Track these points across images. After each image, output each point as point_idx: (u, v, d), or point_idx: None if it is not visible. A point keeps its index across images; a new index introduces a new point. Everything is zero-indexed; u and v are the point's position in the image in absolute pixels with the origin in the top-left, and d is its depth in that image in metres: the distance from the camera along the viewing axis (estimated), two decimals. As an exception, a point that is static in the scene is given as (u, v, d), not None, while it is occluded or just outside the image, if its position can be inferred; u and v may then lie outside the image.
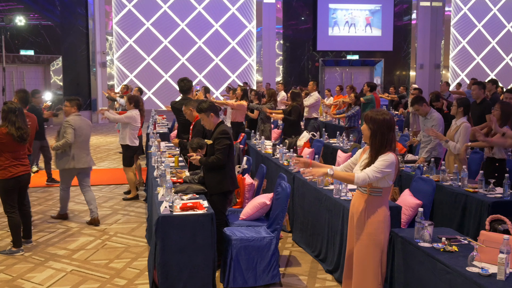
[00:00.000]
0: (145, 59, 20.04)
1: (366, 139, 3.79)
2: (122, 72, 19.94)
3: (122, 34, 19.83)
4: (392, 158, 3.64)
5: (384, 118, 3.70)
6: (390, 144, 3.69)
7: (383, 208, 3.73)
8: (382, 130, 3.68)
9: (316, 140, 8.74)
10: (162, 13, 20.02)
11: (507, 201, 4.96)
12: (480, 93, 7.93)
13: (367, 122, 3.75)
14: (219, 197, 5.22)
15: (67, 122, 6.67)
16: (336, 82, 21.03)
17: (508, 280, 3.09)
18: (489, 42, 22.28)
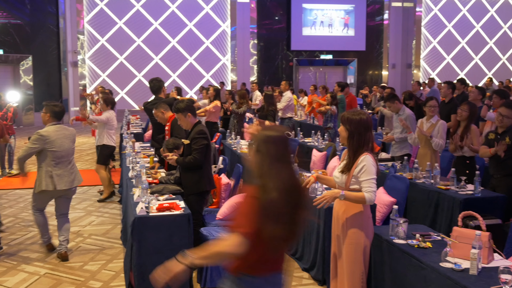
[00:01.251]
0: (117, 59, 19.84)
1: (344, 141, 3.75)
2: (94, 71, 19.70)
3: (94, 33, 19.59)
4: (370, 160, 3.60)
5: (361, 118, 3.66)
6: (368, 144, 3.66)
7: (363, 210, 3.68)
8: (359, 130, 3.64)
9: (291, 139, 8.77)
10: (135, 12, 19.85)
11: (478, 198, 5.07)
12: (448, 92, 8.10)
13: (344, 123, 3.71)
14: (196, 197, 5.21)
15: (38, 133, 5.37)
16: (310, 82, 21.16)
17: (481, 275, 3.17)
18: (459, 42, 22.70)
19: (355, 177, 3.61)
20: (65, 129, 5.54)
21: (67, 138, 5.52)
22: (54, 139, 5.38)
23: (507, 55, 23.03)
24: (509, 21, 22.92)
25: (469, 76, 22.08)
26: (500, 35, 22.91)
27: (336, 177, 3.76)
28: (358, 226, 3.66)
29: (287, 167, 2.46)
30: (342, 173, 3.70)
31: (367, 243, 3.70)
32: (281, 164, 2.45)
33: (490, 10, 22.77)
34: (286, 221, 2.41)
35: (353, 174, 3.62)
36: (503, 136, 5.33)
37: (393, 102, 7.15)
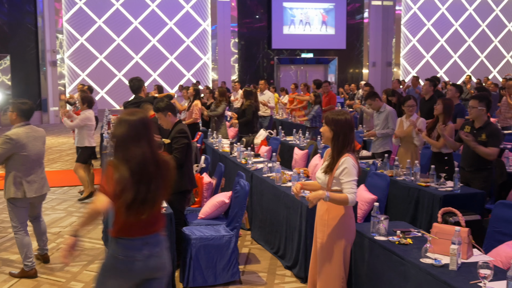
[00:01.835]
0: (97, 58, 19.66)
1: (327, 141, 3.73)
2: (74, 71, 19.49)
3: (73, 32, 19.38)
4: (351, 162, 3.60)
5: (346, 118, 3.66)
6: (351, 144, 3.67)
7: (345, 211, 3.68)
8: (344, 131, 3.64)
9: (273, 138, 8.80)
10: (115, 10, 19.68)
11: (457, 194, 5.14)
12: (430, 89, 8.19)
13: (329, 124, 3.68)
14: (177, 196, 5.18)
15: (6, 135, 4.83)
16: (291, 80, 21.21)
17: (460, 270, 3.21)
18: (438, 41, 22.95)
19: (336, 179, 3.62)
20: (35, 131, 5.06)
21: (38, 140, 5.05)
22: (25, 142, 4.87)
23: (485, 53, 23.36)
24: (487, 19, 23.25)
25: (448, 74, 22.36)
26: (478, 33, 23.23)
27: (319, 177, 3.77)
28: (339, 226, 3.67)
29: (141, 146, 2.87)
30: (325, 174, 3.70)
31: (348, 244, 3.72)
32: (135, 142, 2.86)
33: (469, 9, 23.08)
34: (138, 190, 2.84)
35: (334, 175, 3.63)
36: (479, 132, 5.40)
37: (374, 100, 7.22)
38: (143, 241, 2.92)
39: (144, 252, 2.92)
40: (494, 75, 22.94)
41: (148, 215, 2.92)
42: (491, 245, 4.00)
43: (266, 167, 6.27)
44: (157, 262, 2.98)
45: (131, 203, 2.84)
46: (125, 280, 2.94)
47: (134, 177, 2.83)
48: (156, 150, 2.97)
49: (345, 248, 3.69)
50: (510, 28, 23.42)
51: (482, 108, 5.39)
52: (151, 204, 2.93)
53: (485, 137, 5.33)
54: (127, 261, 2.89)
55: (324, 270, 3.72)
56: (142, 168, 2.86)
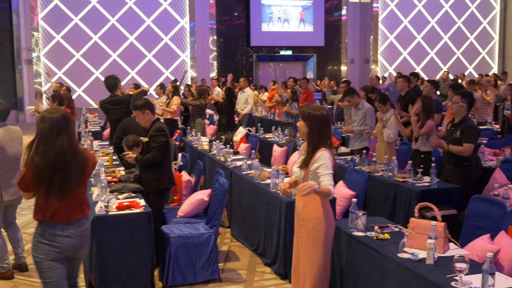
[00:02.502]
0: (74, 56, 19.41)
1: (303, 136, 3.76)
2: (50, 69, 19.21)
3: (48, 29, 19.09)
4: (327, 156, 3.64)
5: (322, 114, 3.69)
6: (327, 140, 3.69)
7: (322, 205, 3.70)
8: (320, 126, 3.67)
9: (252, 135, 8.80)
10: (91, 8, 19.45)
11: (434, 189, 5.20)
12: (405, 86, 8.29)
13: (305, 119, 3.71)
14: (156, 195, 5.16)
15: None
16: (270, 78, 21.22)
17: (437, 264, 3.26)
18: (415, 38, 23.18)
19: (312, 173, 3.65)
20: (12, 131, 4.88)
21: (15, 141, 4.89)
22: (3, 145, 4.72)
23: (461, 49, 23.66)
24: (462, 16, 23.55)
25: (425, 70, 22.60)
26: (454, 30, 23.51)
27: (295, 172, 3.80)
28: (318, 221, 3.69)
29: (61, 139, 3.21)
30: (301, 168, 3.72)
31: (328, 237, 3.74)
32: (55, 136, 3.20)
33: (445, 6, 23.34)
34: (55, 178, 3.19)
35: (310, 170, 3.65)
36: (455, 129, 5.45)
37: (353, 97, 7.29)
38: (63, 226, 3.27)
39: (68, 232, 3.28)
40: (470, 72, 23.26)
41: (67, 201, 3.25)
42: (467, 239, 4.06)
43: (245, 165, 6.27)
44: (80, 240, 3.36)
45: (48, 190, 3.19)
46: (57, 256, 3.29)
47: (51, 167, 3.17)
48: (74, 142, 3.31)
49: (326, 241, 3.72)
50: (485, 25, 23.76)
51: (463, 105, 5.42)
52: (68, 191, 3.24)
53: (459, 133, 5.37)
54: (53, 237, 3.25)
55: (308, 265, 3.75)
56: (58, 159, 3.19)
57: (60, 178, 3.20)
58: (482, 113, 10.09)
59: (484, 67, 23.53)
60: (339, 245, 4.06)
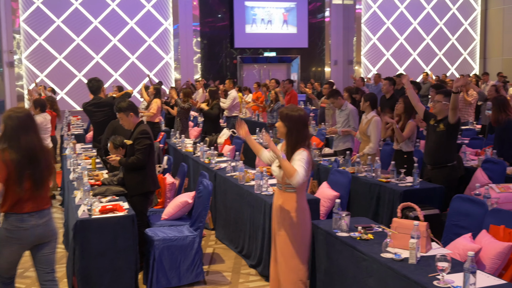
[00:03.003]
0: (56, 58, 19.22)
1: (282, 136, 3.83)
2: (32, 72, 19.01)
3: (30, 32, 18.89)
4: (306, 155, 3.70)
5: (300, 114, 3.75)
6: (305, 140, 3.76)
7: (299, 204, 3.78)
8: (298, 127, 3.73)
9: (236, 137, 8.79)
10: (74, 10, 19.28)
11: (416, 189, 5.25)
12: (390, 88, 8.35)
13: (283, 120, 3.78)
14: (140, 198, 5.14)
15: None
16: (254, 79, 21.22)
17: (419, 263, 3.28)
18: (397, 39, 23.36)
19: None
20: None
21: None
22: None
23: (443, 50, 23.89)
24: (444, 18, 23.79)
25: (408, 71, 22.75)
26: (436, 32, 23.74)
27: (274, 171, 3.86)
28: (294, 219, 3.78)
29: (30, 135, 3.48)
30: (280, 168, 3.77)
31: (305, 235, 3.82)
32: (24, 133, 3.47)
33: (426, 7, 23.55)
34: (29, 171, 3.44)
35: None
36: (439, 123, 5.47)
37: (337, 98, 7.32)
38: (30, 215, 3.53)
39: (32, 223, 3.54)
40: (452, 72, 23.50)
41: (37, 192, 3.53)
42: (449, 238, 4.10)
43: (230, 166, 6.27)
44: (44, 230, 3.62)
45: (22, 182, 3.44)
46: (18, 247, 3.60)
47: (25, 161, 3.43)
48: (40, 138, 3.59)
49: (302, 239, 3.79)
50: (466, 26, 24.03)
51: (446, 103, 5.47)
52: (40, 183, 3.54)
53: (443, 126, 5.40)
54: (17, 231, 3.52)
55: (285, 263, 3.82)
56: (31, 153, 3.47)
57: (33, 171, 3.47)
58: (464, 113, 10.19)
59: (466, 68, 23.79)
60: (324, 246, 4.08)
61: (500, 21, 22.89)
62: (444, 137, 5.40)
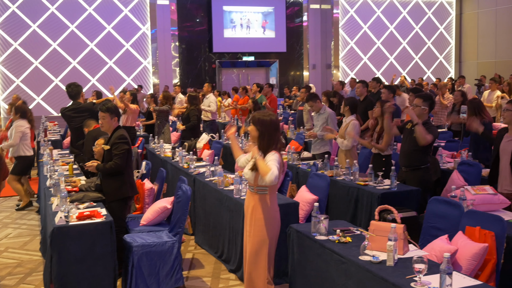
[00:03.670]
0: (32, 63, 18.96)
1: (254, 140, 3.94)
2: (7, 77, 18.73)
3: (5, 37, 18.61)
4: (277, 157, 3.82)
5: (271, 119, 3.89)
6: (276, 144, 3.89)
7: (270, 206, 3.90)
8: (269, 131, 3.86)
9: (215, 142, 8.78)
10: (50, 14, 19.06)
11: (394, 192, 5.30)
12: (364, 91, 8.46)
13: (255, 124, 3.89)
14: (118, 203, 5.10)
15: None
16: (233, 83, 21.23)
17: (397, 265, 3.32)
18: (375, 43, 23.59)
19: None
20: None
21: None
22: None
23: (419, 54, 24.19)
24: (420, 22, 24.10)
25: (385, 75, 22.99)
26: (412, 36, 24.03)
27: (246, 174, 3.96)
28: (265, 219, 3.89)
29: None
30: (252, 171, 3.90)
31: (274, 235, 3.93)
32: None
33: (403, 12, 23.84)
34: None
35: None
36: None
37: (315, 102, 7.38)
38: None
39: None
40: (428, 76, 23.81)
41: None
42: (427, 240, 4.15)
43: (209, 171, 6.26)
44: None
45: None
46: None
47: None
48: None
49: (271, 239, 3.92)
50: (442, 31, 24.37)
51: (425, 108, 5.55)
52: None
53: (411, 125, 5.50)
54: None
55: (252, 262, 3.94)
56: None
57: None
58: (440, 117, 10.34)
59: (442, 72, 24.13)
60: (304, 249, 4.10)
61: (475, 25, 23.29)
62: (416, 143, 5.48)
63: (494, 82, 11.21)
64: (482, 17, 22.84)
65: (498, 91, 11.08)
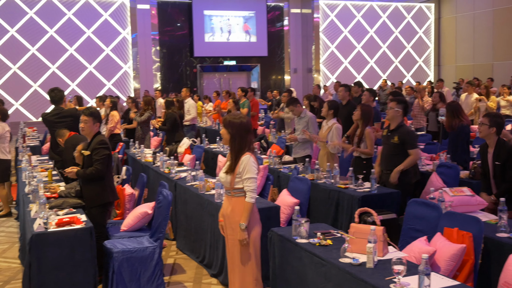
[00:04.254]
0: (10, 68, 18.72)
1: (226, 143, 3.96)
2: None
3: (-17, 42, 18.39)
4: (251, 160, 3.84)
5: (242, 121, 3.91)
6: (249, 145, 3.91)
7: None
8: (240, 133, 3.88)
9: (196, 146, 8.77)
10: (28, 19, 18.86)
11: (374, 194, 5.35)
12: (346, 95, 8.49)
13: (226, 127, 3.91)
14: (99, 209, 5.06)
15: None
16: (214, 88, 21.22)
17: (377, 267, 3.35)
18: (355, 47, 23.78)
19: (239, 176, 3.86)
20: None
21: None
22: None
23: (399, 58, 24.45)
24: (399, 26, 24.36)
25: (366, 79, 23.20)
26: (392, 40, 24.28)
27: (221, 177, 3.99)
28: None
29: None
30: (227, 174, 3.92)
31: (256, 236, 3.94)
32: None
33: (382, 16, 24.09)
34: None
35: (236, 174, 3.86)
36: (392, 135, 5.65)
37: (296, 106, 7.40)
38: None
39: None
40: (408, 79, 24.06)
41: None
42: (406, 242, 4.19)
43: (190, 176, 6.25)
44: None
45: None
46: None
47: None
48: None
49: (254, 241, 3.93)
50: (421, 35, 24.66)
51: (399, 110, 5.64)
52: None
53: (397, 139, 5.57)
54: None
55: (238, 266, 3.94)
56: None
57: None
58: (420, 120, 10.46)
59: (421, 75, 24.40)
60: (285, 253, 4.11)
61: (453, 29, 23.62)
62: (398, 149, 5.60)
63: (471, 85, 11.37)
64: (460, 21, 23.17)
65: (475, 94, 11.24)
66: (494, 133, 5.05)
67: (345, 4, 23.43)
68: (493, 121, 5.05)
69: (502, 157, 4.95)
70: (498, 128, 5.07)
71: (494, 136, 5.06)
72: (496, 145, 5.04)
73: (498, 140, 5.07)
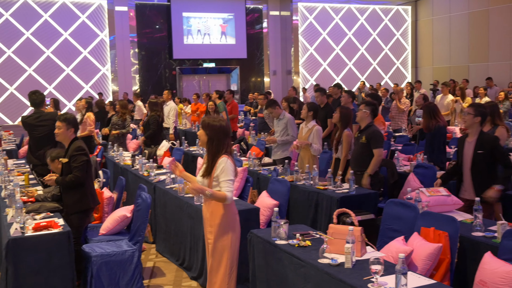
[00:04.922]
0: (-14, 71, 18.44)
1: (203, 145, 3.95)
2: (-40, 85, 18.16)
3: (-43, 44, 18.07)
4: (228, 162, 3.83)
5: (221, 124, 3.90)
6: (226, 148, 3.90)
7: (226, 211, 3.90)
8: (218, 136, 3.87)
9: (176, 149, 8.75)
10: (4, 21, 18.58)
11: (353, 195, 5.40)
12: (323, 99, 8.59)
13: (204, 128, 3.91)
14: (79, 215, 5.00)
15: None
16: (194, 90, 21.15)
17: (355, 267, 3.38)
18: (334, 49, 23.93)
19: (216, 179, 3.83)
20: None
21: None
22: None
23: (377, 60, 24.68)
24: (377, 28, 24.60)
25: (344, 81, 23.37)
26: (370, 42, 24.50)
27: (199, 181, 3.96)
28: (225, 224, 3.89)
29: None
30: (203, 177, 3.91)
31: (235, 238, 3.94)
32: None
33: (360, 19, 24.29)
34: None
35: (213, 176, 3.83)
36: (361, 135, 5.85)
37: (274, 108, 7.44)
38: None
39: None
40: (386, 81, 24.31)
41: None
42: (384, 242, 4.24)
43: (169, 178, 6.23)
44: None
45: None
46: None
47: None
48: None
49: (232, 243, 3.92)
50: (398, 37, 24.94)
51: (366, 111, 5.89)
52: None
53: (364, 139, 5.78)
54: None
55: (215, 267, 3.94)
56: None
57: None
58: (398, 121, 10.57)
59: (399, 77, 24.67)
60: (264, 254, 4.12)
61: (430, 32, 23.93)
62: (366, 148, 5.77)
63: (446, 86, 11.55)
64: (436, 24, 23.49)
65: (450, 95, 11.42)
66: (478, 123, 5.11)
67: (323, 7, 23.58)
68: (478, 110, 5.12)
69: (486, 147, 4.98)
70: (483, 118, 5.15)
71: (478, 126, 5.13)
72: (479, 135, 5.10)
73: (481, 130, 5.15)
